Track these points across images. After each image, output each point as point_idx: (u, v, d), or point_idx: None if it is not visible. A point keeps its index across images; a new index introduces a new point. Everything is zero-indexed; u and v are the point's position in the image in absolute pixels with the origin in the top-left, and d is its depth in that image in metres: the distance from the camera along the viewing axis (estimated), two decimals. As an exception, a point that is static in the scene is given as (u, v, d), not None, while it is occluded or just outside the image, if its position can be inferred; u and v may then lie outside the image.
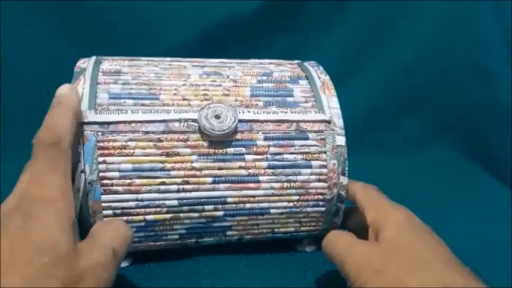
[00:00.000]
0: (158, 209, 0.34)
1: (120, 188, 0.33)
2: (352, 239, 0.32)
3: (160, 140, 0.34)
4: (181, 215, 0.35)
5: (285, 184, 0.36)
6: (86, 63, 0.37)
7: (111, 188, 0.33)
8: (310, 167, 0.36)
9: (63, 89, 0.31)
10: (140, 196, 0.33)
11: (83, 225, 0.32)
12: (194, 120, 0.34)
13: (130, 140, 0.33)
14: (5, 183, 0.48)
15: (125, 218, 0.33)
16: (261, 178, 0.35)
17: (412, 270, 0.27)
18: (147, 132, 0.34)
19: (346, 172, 0.37)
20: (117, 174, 0.33)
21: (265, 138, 0.36)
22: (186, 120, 0.34)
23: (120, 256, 0.27)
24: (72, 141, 0.28)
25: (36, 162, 0.26)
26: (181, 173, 0.34)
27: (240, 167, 0.35)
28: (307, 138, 0.37)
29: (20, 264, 0.22)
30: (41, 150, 0.26)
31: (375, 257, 0.29)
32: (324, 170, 0.36)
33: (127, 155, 0.33)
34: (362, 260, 0.29)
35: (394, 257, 0.28)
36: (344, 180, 0.37)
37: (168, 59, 0.40)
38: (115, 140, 0.33)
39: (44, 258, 0.22)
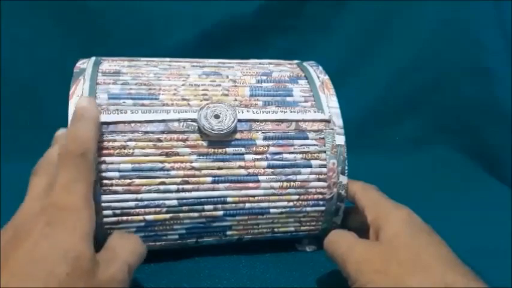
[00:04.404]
0: (158, 209, 0.34)
1: (119, 188, 0.33)
2: (353, 238, 0.32)
3: (159, 140, 0.34)
4: (181, 214, 0.35)
5: (285, 184, 0.36)
6: (85, 64, 0.37)
7: (110, 188, 0.33)
8: (309, 166, 0.36)
9: (83, 102, 0.31)
10: (140, 196, 0.33)
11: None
12: (193, 120, 0.34)
13: (130, 140, 0.33)
14: (5, 183, 0.48)
15: (125, 218, 0.33)
16: (260, 178, 0.35)
17: (413, 270, 0.27)
18: (146, 132, 0.34)
19: (346, 171, 0.37)
20: (116, 174, 0.33)
21: (265, 138, 0.36)
22: (185, 120, 0.34)
23: (133, 270, 0.28)
24: (96, 152, 0.29)
25: (64, 171, 0.27)
26: (181, 172, 0.34)
27: (240, 167, 0.35)
28: (306, 138, 0.36)
29: (44, 274, 0.22)
30: (69, 160, 0.27)
31: (375, 256, 0.29)
32: (324, 170, 0.36)
33: (126, 155, 0.33)
34: (363, 259, 0.29)
35: (395, 256, 0.28)
36: (344, 179, 0.37)
37: (168, 59, 0.40)
38: (114, 140, 0.33)
39: (67, 268, 0.23)
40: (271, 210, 0.36)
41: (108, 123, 0.33)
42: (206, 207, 0.35)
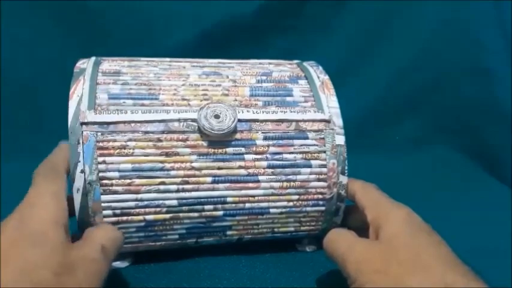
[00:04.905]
0: (158, 209, 0.34)
1: (119, 188, 0.33)
2: (353, 237, 0.32)
3: (159, 140, 0.34)
4: (181, 214, 0.35)
5: (285, 184, 0.36)
6: (85, 64, 0.37)
7: (110, 188, 0.33)
8: (309, 166, 0.36)
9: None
10: (140, 196, 0.33)
11: (83, 225, 0.32)
12: (193, 120, 0.34)
13: (130, 140, 0.33)
14: (5, 183, 0.48)
15: (125, 218, 0.33)
16: (260, 178, 0.35)
17: (413, 270, 0.27)
18: (146, 132, 0.34)
19: (346, 171, 0.37)
20: (116, 174, 0.33)
21: (265, 138, 0.36)
22: (185, 120, 0.34)
23: (109, 253, 0.29)
24: (66, 174, 0.31)
25: (35, 180, 0.29)
26: (181, 172, 0.34)
27: (240, 167, 0.35)
28: (306, 138, 0.37)
29: (16, 256, 0.24)
30: (40, 172, 0.30)
31: (375, 256, 0.29)
32: (324, 170, 0.36)
33: (126, 155, 0.33)
34: (362, 259, 0.29)
35: (395, 256, 0.28)
36: (344, 179, 0.37)
37: (168, 59, 0.40)
38: (114, 140, 0.33)
39: (36, 249, 0.25)
40: (271, 210, 0.36)
41: (108, 123, 0.33)
42: (206, 207, 0.35)
